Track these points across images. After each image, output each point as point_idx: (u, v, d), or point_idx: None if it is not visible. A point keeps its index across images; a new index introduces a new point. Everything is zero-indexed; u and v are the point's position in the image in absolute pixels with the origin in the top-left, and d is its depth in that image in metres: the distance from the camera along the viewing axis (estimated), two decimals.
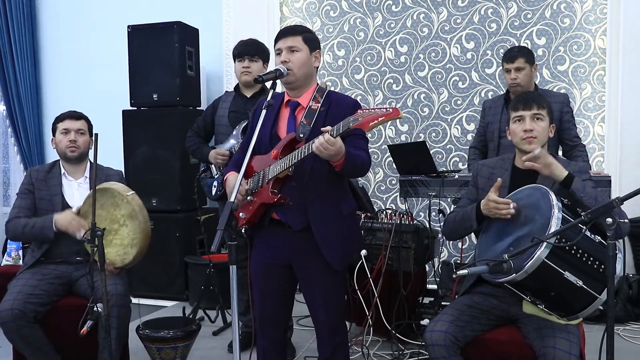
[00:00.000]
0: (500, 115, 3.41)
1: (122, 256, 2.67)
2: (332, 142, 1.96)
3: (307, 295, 2.31)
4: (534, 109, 2.28)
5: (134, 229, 2.64)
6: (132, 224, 2.65)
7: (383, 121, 1.89)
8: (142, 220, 2.65)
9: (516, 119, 2.30)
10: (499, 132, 3.39)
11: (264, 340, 2.34)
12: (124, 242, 2.66)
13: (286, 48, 2.23)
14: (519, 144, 2.31)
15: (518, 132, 2.29)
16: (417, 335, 3.31)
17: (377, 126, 1.90)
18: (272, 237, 2.28)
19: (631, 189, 1.77)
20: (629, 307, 3.81)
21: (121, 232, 2.66)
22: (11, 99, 5.38)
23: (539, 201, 2.07)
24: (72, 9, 5.43)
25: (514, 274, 1.93)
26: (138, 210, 2.65)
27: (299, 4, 4.90)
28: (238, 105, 3.36)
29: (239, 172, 2.06)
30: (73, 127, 2.86)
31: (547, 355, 1.98)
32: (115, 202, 2.66)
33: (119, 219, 2.66)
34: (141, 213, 2.66)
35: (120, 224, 2.66)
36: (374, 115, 1.90)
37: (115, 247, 2.67)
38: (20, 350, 2.63)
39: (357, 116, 1.93)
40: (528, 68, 3.30)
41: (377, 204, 4.68)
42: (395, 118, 1.90)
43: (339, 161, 2.03)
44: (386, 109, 1.90)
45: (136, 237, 2.64)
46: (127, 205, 2.65)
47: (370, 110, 1.93)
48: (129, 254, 2.66)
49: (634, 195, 1.73)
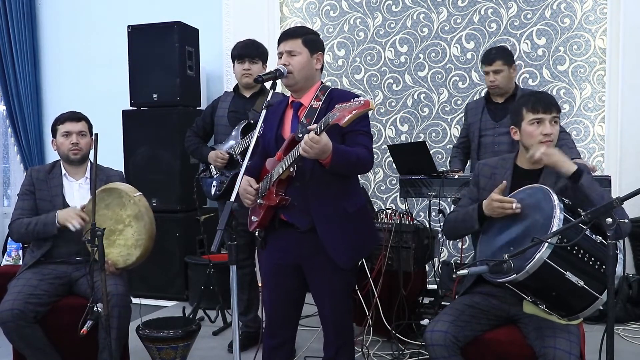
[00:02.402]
0: (481, 116, 3.46)
1: (125, 257, 2.67)
2: (316, 140, 1.95)
3: (315, 295, 2.32)
4: (553, 112, 2.25)
5: (139, 229, 2.64)
6: (138, 225, 2.64)
7: (357, 114, 1.88)
8: (147, 221, 2.64)
9: (535, 121, 2.25)
10: (479, 131, 3.46)
11: (271, 340, 2.34)
12: (128, 243, 2.65)
13: (286, 52, 2.24)
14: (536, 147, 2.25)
15: (536, 134, 2.24)
16: (417, 335, 3.31)
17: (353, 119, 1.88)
18: (281, 238, 2.29)
19: (631, 189, 1.76)
20: (629, 307, 3.81)
21: (125, 233, 2.66)
22: (11, 99, 5.38)
23: (541, 201, 2.06)
24: (72, 9, 5.43)
25: (515, 274, 1.93)
26: (145, 211, 2.64)
27: (299, 4, 4.90)
28: (237, 105, 3.36)
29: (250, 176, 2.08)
30: (74, 129, 2.85)
31: (547, 355, 1.98)
32: (122, 203, 2.65)
33: (124, 219, 2.66)
34: (147, 214, 2.65)
35: (125, 224, 2.65)
36: (349, 109, 1.89)
37: (119, 248, 2.66)
38: (20, 350, 2.63)
39: (334, 111, 1.93)
40: (506, 70, 3.32)
41: (377, 204, 4.68)
42: (367, 110, 1.90)
43: (327, 159, 2.03)
44: (358, 102, 1.90)
45: (141, 238, 2.64)
46: (134, 206, 2.64)
47: (345, 105, 1.92)
48: (132, 254, 2.66)
49: (634, 195, 1.72)
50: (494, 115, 3.44)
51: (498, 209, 2.16)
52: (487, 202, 2.21)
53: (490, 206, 2.19)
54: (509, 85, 3.37)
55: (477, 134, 3.47)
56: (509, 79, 3.35)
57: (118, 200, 2.65)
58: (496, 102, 3.46)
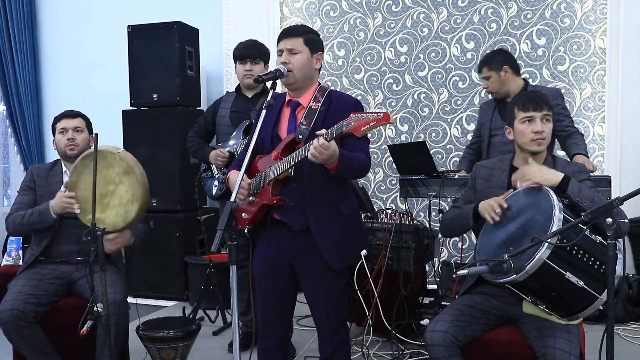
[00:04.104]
0: (491, 116, 3.45)
1: (124, 215, 2.58)
2: (326, 146, 1.96)
3: (308, 295, 2.32)
4: (544, 109, 2.25)
5: (132, 184, 2.56)
6: (129, 180, 2.56)
7: (374, 126, 1.89)
8: (139, 173, 2.58)
9: (525, 119, 2.26)
10: (489, 131, 3.45)
11: (265, 340, 2.34)
12: (123, 201, 2.57)
13: (287, 50, 2.23)
14: (528, 145, 2.27)
15: (527, 132, 2.25)
16: (417, 335, 3.31)
17: (369, 131, 1.90)
18: (274, 237, 2.28)
19: (631, 189, 1.76)
20: (629, 307, 3.81)
21: (118, 191, 2.57)
22: (11, 99, 5.38)
23: (540, 201, 2.06)
24: (72, 9, 5.43)
25: (515, 274, 1.93)
26: (133, 164, 2.58)
27: (299, 4, 4.90)
28: (239, 105, 3.36)
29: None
30: (70, 125, 2.86)
31: (547, 355, 1.98)
32: (108, 162, 2.56)
33: (114, 178, 2.57)
34: (136, 166, 2.59)
35: (116, 182, 2.57)
36: (366, 120, 1.90)
37: (115, 209, 2.57)
38: (20, 350, 2.63)
39: (350, 120, 1.93)
40: (494, 75, 3.32)
41: (377, 204, 4.68)
42: (386, 123, 1.90)
43: (333, 164, 2.03)
44: (377, 114, 1.90)
45: (136, 192, 2.56)
46: (121, 161, 2.57)
47: (362, 115, 1.93)
48: (130, 210, 2.57)
49: (634, 195, 1.72)
50: (504, 115, 3.43)
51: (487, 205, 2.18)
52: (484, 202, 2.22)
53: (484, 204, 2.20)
54: (504, 87, 3.35)
55: (487, 133, 3.46)
56: (500, 82, 3.34)
57: (103, 161, 2.53)
58: (506, 102, 3.46)
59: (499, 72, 3.32)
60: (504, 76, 3.34)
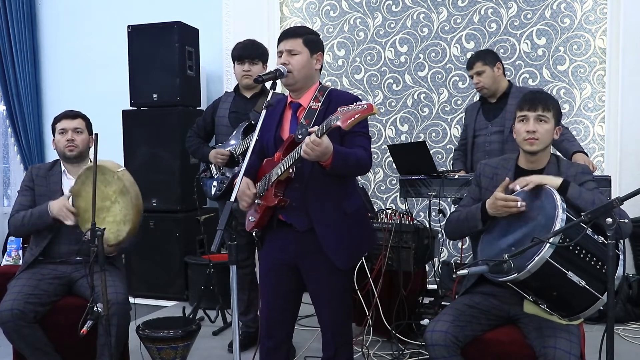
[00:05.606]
0: (475, 117, 3.48)
1: (116, 233, 2.59)
2: (317, 142, 1.96)
3: (312, 295, 2.32)
4: (539, 110, 2.24)
5: (126, 205, 2.58)
6: (124, 200, 2.58)
7: (360, 118, 1.89)
8: (133, 196, 2.58)
9: (521, 118, 2.28)
10: (473, 131, 3.48)
11: (268, 341, 2.34)
12: (117, 219, 2.59)
13: (286, 51, 2.24)
14: (521, 144, 2.29)
15: (521, 132, 2.26)
16: (417, 335, 3.31)
17: (355, 123, 1.90)
18: (279, 238, 2.29)
19: (631, 189, 1.76)
20: (629, 307, 3.81)
21: (113, 210, 2.60)
22: (11, 99, 5.38)
23: (543, 201, 2.06)
24: (72, 9, 5.43)
25: (517, 273, 1.93)
26: (129, 185, 2.59)
27: (299, 4, 4.90)
28: (238, 105, 3.36)
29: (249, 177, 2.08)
30: (70, 126, 2.86)
31: (547, 355, 1.98)
32: (106, 180, 2.59)
33: (110, 195, 2.59)
34: (132, 188, 2.59)
35: (112, 200, 2.59)
36: (352, 113, 1.90)
37: (109, 225, 2.58)
38: (20, 350, 2.63)
39: (337, 114, 1.94)
40: (489, 69, 3.33)
41: (377, 204, 4.68)
42: (371, 114, 1.90)
43: (327, 161, 2.03)
44: (361, 106, 1.90)
45: (129, 214, 2.58)
46: (118, 181, 2.58)
47: (348, 108, 1.93)
48: (122, 230, 2.59)
49: (634, 195, 1.73)
50: (487, 115, 3.44)
51: (502, 208, 2.15)
52: (491, 201, 2.19)
53: (495, 205, 2.17)
54: (495, 84, 3.36)
55: (471, 134, 3.49)
56: (493, 78, 3.34)
57: (101, 177, 2.56)
58: (490, 102, 3.46)
59: (493, 68, 3.33)
60: (497, 72, 3.34)
